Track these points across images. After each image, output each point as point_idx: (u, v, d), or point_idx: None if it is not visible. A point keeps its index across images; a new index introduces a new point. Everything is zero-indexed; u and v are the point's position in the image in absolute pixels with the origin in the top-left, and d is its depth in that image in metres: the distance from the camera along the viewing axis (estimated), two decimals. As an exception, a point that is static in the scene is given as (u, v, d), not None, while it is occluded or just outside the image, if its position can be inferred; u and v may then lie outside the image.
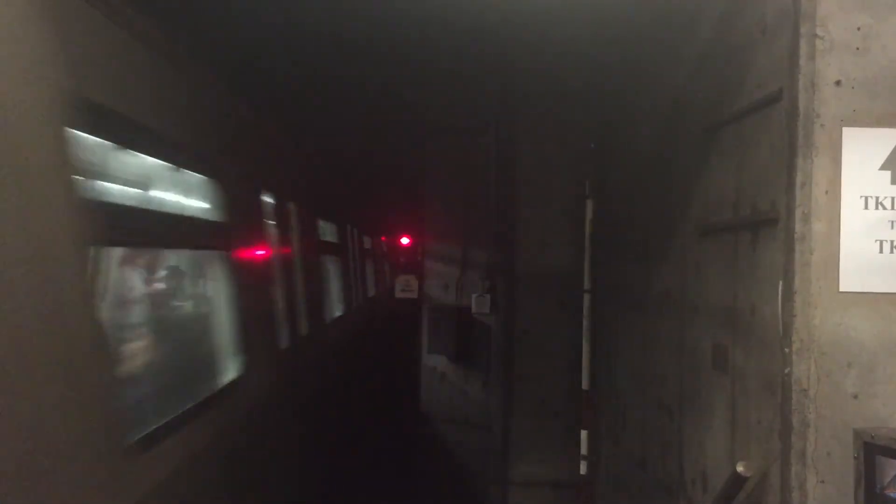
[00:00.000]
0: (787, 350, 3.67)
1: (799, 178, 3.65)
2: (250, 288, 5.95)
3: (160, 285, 5.26)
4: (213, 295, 5.59)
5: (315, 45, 8.84)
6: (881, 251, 3.61)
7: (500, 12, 7.43)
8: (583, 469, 7.82)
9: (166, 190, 4.92)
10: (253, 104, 6.97)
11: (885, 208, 3.61)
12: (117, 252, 4.26)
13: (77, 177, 3.20)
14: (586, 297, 7.87)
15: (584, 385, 7.85)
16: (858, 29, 3.64)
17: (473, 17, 7.34)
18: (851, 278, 3.61)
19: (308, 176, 10.44)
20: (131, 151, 4.14)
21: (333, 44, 8.75)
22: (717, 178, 4.76)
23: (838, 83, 3.63)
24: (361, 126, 13.21)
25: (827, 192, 3.62)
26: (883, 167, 3.61)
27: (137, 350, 4.49)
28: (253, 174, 6.64)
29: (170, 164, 4.79)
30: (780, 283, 3.77)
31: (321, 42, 8.72)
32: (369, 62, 9.49)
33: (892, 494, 3.39)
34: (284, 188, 8.18)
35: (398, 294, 18.57)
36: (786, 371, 3.68)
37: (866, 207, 3.61)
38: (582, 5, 6.91)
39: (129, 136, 3.93)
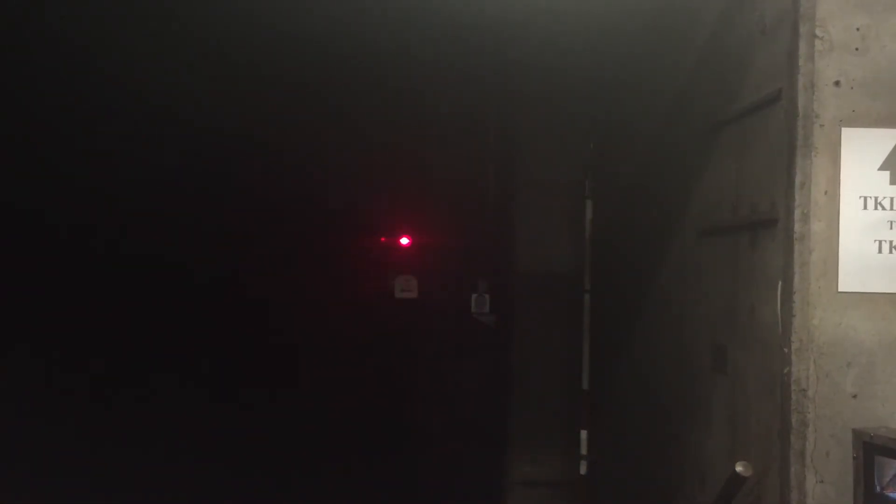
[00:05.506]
0: (786, 350, 3.67)
1: (798, 179, 3.65)
2: None
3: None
4: None
5: (315, 38, 8.79)
6: (880, 251, 3.61)
7: (500, 8, 7.40)
8: (583, 469, 7.81)
9: None
10: None
11: (884, 208, 3.61)
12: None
13: None
14: (586, 297, 7.86)
15: (584, 385, 7.85)
16: (857, 29, 3.64)
17: (472, 12, 7.31)
18: (851, 278, 3.61)
19: None
20: None
21: (333, 38, 8.71)
22: (717, 179, 4.76)
23: (837, 83, 3.63)
24: (355, 121, 13.14)
25: (826, 193, 3.62)
26: (882, 167, 3.61)
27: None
28: None
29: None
30: (780, 283, 3.77)
31: (322, 35, 8.67)
32: (367, 59, 9.47)
33: (890, 494, 3.39)
34: None
35: (398, 294, 18.77)
36: (785, 371, 3.68)
37: (865, 208, 3.61)
38: (582, 5, 6.91)
39: None
